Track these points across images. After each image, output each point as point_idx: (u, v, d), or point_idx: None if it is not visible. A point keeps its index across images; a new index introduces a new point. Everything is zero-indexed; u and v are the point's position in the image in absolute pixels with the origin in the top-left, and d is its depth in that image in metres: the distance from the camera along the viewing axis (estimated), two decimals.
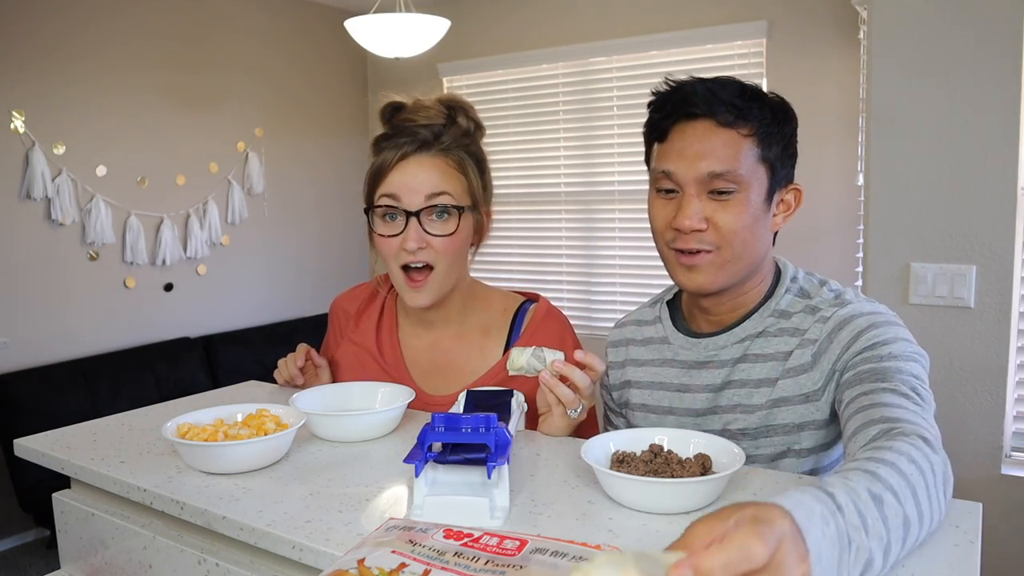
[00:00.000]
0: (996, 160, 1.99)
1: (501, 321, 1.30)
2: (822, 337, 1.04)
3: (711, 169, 1.00)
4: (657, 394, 1.18)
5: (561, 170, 4.28)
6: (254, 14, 4.32)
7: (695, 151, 1.01)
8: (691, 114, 1.03)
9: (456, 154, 1.19)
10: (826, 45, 3.43)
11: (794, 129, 1.08)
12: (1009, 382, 2.09)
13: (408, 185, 1.16)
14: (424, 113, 1.19)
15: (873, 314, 1.03)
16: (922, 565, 0.69)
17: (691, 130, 1.02)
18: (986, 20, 1.96)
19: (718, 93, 1.01)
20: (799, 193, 1.10)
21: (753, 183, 1.01)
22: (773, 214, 1.07)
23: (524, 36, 4.27)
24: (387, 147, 1.19)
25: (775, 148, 1.03)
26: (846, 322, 1.03)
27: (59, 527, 1.10)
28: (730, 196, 1.01)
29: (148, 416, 1.21)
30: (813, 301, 1.09)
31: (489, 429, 0.80)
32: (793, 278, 1.13)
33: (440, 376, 1.28)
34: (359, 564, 0.65)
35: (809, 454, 1.08)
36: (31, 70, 3.42)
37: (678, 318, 1.21)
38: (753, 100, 1.02)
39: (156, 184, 3.89)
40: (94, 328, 3.70)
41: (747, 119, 1.01)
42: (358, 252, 4.98)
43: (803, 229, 3.49)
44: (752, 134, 1.01)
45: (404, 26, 3.03)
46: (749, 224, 1.02)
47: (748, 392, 1.09)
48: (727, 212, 1.01)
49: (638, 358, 1.23)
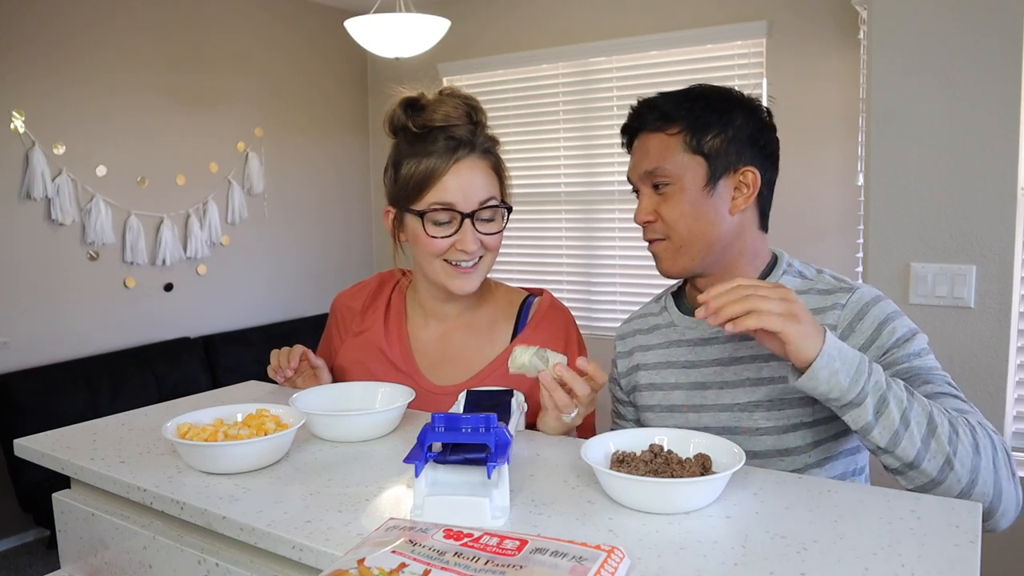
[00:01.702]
0: (996, 160, 1.99)
1: (507, 312, 1.34)
2: (842, 324, 1.11)
3: (644, 168, 1.16)
4: (664, 372, 1.24)
5: (561, 170, 4.28)
6: (254, 14, 4.32)
7: (637, 156, 1.19)
8: (632, 129, 1.21)
9: (492, 155, 1.25)
10: (826, 45, 3.43)
11: (748, 117, 1.15)
12: (1009, 382, 2.09)
13: (464, 191, 1.19)
14: (444, 111, 1.20)
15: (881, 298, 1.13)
16: (922, 565, 0.69)
17: (637, 141, 1.21)
18: (986, 20, 1.96)
19: (652, 105, 1.17)
20: (755, 175, 1.15)
21: (686, 174, 1.13)
22: (732, 197, 1.15)
23: (524, 36, 4.27)
24: (432, 151, 1.19)
25: (712, 139, 1.13)
26: (863, 311, 1.11)
27: (59, 527, 1.10)
28: (666, 189, 1.15)
29: (148, 416, 1.21)
30: (815, 284, 1.17)
31: (489, 429, 0.80)
32: (789, 264, 1.22)
33: (449, 366, 1.30)
34: (359, 564, 0.65)
35: (822, 423, 1.12)
36: (31, 70, 3.42)
37: (683, 304, 1.29)
38: (686, 102, 1.14)
39: (156, 184, 3.89)
40: (94, 328, 3.70)
41: (672, 121, 1.14)
42: (358, 252, 4.98)
43: (803, 229, 3.49)
44: (679, 132, 1.13)
45: (404, 26, 3.03)
46: (689, 211, 1.13)
47: (758, 366, 1.14)
48: (666, 203, 1.15)
49: (646, 344, 1.29)
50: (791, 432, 1.12)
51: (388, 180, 1.27)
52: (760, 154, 1.16)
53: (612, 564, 0.66)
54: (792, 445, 1.12)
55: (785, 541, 0.74)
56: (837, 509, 0.81)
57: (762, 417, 1.13)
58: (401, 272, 1.41)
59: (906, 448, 0.92)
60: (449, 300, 1.31)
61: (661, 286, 1.40)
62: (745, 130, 1.14)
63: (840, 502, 0.82)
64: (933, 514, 0.79)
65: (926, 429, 0.92)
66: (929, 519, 0.78)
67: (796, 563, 0.70)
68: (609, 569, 0.65)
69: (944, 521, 0.77)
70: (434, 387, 1.28)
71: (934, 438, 0.92)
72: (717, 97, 1.16)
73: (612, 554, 0.67)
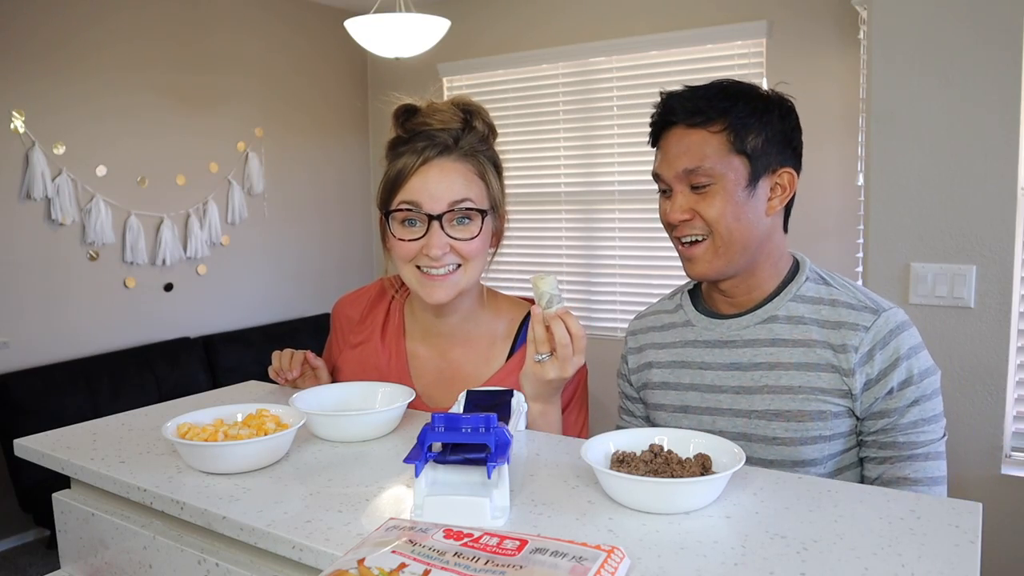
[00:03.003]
0: (996, 160, 1.99)
1: (508, 330, 1.29)
2: (863, 349, 1.09)
3: (684, 166, 1.11)
4: (679, 371, 1.23)
5: (561, 170, 4.28)
6: (254, 14, 4.32)
7: (673, 153, 1.13)
8: (670, 122, 1.15)
9: (476, 159, 1.18)
10: (826, 45, 3.43)
11: (783, 116, 1.14)
12: (1009, 382, 2.09)
13: (430, 191, 1.14)
14: (439, 116, 1.17)
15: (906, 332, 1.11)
16: (922, 565, 0.69)
17: (671, 135, 1.15)
18: (986, 20, 1.96)
19: (691, 99, 1.12)
20: (792, 176, 1.15)
21: (728, 174, 1.10)
22: (768, 198, 1.13)
23: (524, 36, 4.27)
24: (406, 152, 1.17)
25: (753, 139, 1.10)
26: (887, 339, 1.10)
27: (59, 527, 1.10)
28: (707, 188, 1.11)
29: (148, 416, 1.20)
30: (840, 295, 1.15)
31: (489, 429, 0.80)
32: (812, 269, 1.21)
33: (445, 386, 1.27)
34: (359, 564, 0.65)
35: (840, 437, 1.12)
36: (31, 70, 3.42)
37: (699, 303, 1.27)
38: (726, 99, 1.11)
39: (156, 184, 3.89)
40: (94, 328, 3.70)
41: (715, 118, 1.10)
42: (358, 252, 4.98)
43: (803, 229, 3.48)
44: (722, 130, 1.10)
45: (404, 26, 3.03)
46: (732, 210, 1.11)
47: (778, 374, 1.13)
48: (707, 202, 1.11)
49: (659, 341, 1.28)
50: (808, 445, 1.10)
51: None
52: (793, 155, 1.15)
53: (612, 564, 0.66)
54: (808, 457, 1.10)
55: (785, 541, 0.74)
56: (837, 509, 0.81)
57: (780, 427, 1.11)
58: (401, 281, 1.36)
59: None
60: (440, 315, 1.26)
61: (661, 286, 1.40)
62: (781, 131, 1.13)
63: (840, 502, 0.82)
64: (933, 514, 0.79)
65: None
66: (929, 519, 0.78)
67: (796, 563, 0.69)
68: (609, 569, 0.65)
69: (944, 521, 0.77)
70: (429, 409, 1.24)
71: None
72: (755, 96, 1.13)
73: (612, 554, 0.67)
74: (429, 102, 1.20)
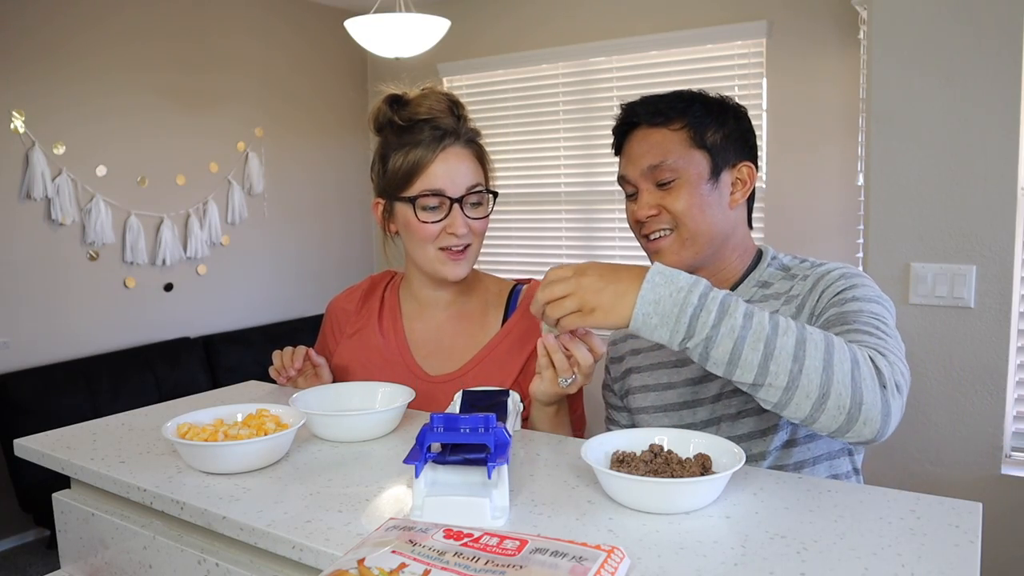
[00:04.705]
0: (996, 160, 1.99)
1: (497, 301, 1.38)
2: (804, 292, 1.15)
3: (649, 163, 1.16)
4: (656, 372, 1.25)
5: (561, 170, 4.28)
6: (254, 14, 4.32)
7: (637, 152, 1.18)
8: (632, 123, 1.20)
9: (474, 145, 1.29)
10: (826, 45, 3.43)
11: (737, 118, 1.20)
12: (1009, 382, 2.09)
13: (451, 178, 1.24)
14: (430, 104, 1.25)
15: (845, 267, 1.15)
16: (922, 565, 0.69)
17: (634, 137, 1.20)
18: (986, 20, 1.96)
19: (651, 103, 1.18)
20: (751, 169, 1.20)
21: (691, 168, 1.15)
22: (731, 192, 1.18)
23: (524, 36, 4.27)
24: (415, 141, 1.24)
25: (712, 134, 1.16)
26: (822, 276, 1.14)
27: (59, 527, 1.10)
28: (672, 183, 1.15)
29: (148, 416, 1.21)
30: (793, 271, 1.20)
31: (488, 429, 0.80)
32: (774, 257, 1.25)
33: (444, 355, 1.33)
34: (359, 564, 0.65)
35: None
36: (31, 70, 3.42)
37: None
38: (683, 102, 1.17)
39: (156, 184, 3.89)
40: (94, 328, 3.70)
41: (675, 117, 1.16)
42: (358, 252, 4.98)
43: (803, 229, 3.49)
44: (683, 127, 1.16)
45: (404, 26, 3.03)
46: (698, 202, 1.15)
47: None
48: (673, 196, 1.15)
49: (636, 347, 1.31)
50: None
51: (376, 174, 1.32)
52: (751, 152, 1.21)
53: (612, 564, 0.66)
54: (775, 421, 1.12)
55: (785, 541, 0.74)
56: (837, 509, 0.81)
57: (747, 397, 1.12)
58: (392, 273, 1.46)
59: (744, 374, 0.88)
60: (440, 287, 1.35)
61: None
62: (737, 129, 1.19)
63: (840, 502, 0.82)
64: (933, 514, 0.79)
65: (762, 355, 0.86)
66: (929, 519, 0.78)
67: (796, 563, 0.70)
68: (609, 569, 0.65)
69: (944, 521, 0.77)
70: (429, 376, 1.31)
71: (772, 360, 0.86)
72: (710, 99, 1.20)
73: (612, 554, 0.67)
74: (417, 92, 1.29)
